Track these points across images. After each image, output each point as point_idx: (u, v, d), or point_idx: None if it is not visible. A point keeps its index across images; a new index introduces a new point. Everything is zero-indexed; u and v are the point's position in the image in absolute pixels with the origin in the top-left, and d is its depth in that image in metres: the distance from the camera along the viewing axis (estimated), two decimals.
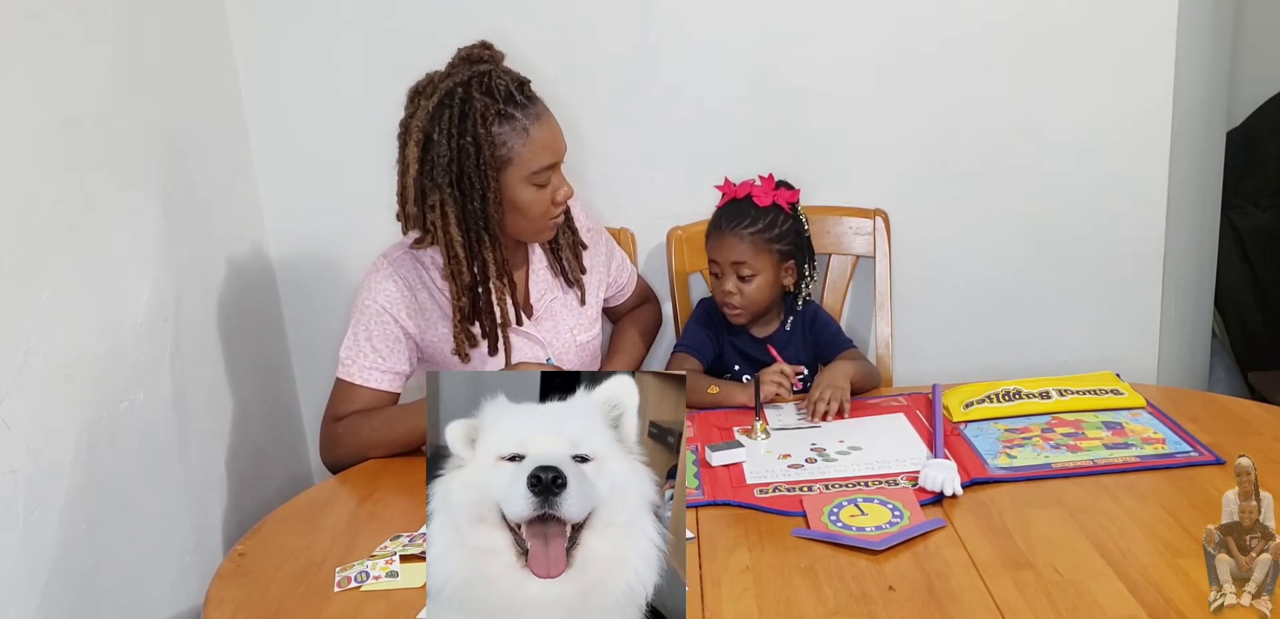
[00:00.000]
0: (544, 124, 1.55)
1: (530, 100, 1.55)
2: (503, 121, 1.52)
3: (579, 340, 1.75)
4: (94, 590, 1.37)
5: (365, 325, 1.61)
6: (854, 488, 1.39)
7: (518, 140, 1.53)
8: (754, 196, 1.77)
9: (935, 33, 1.97)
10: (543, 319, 1.72)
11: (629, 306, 1.95)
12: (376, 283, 1.62)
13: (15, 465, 1.21)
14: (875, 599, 1.14)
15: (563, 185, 1.60)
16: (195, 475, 1.67)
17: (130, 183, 1.54)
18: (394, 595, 1.21)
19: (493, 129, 1.51)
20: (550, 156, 1.55)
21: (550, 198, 1.58)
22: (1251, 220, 2.77)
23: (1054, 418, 1.57)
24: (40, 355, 1.27)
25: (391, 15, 1.96)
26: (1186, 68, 2.02)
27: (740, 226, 1.74)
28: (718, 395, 1.71)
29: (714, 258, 1.79)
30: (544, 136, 1.55)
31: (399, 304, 1.61)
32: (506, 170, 1.53)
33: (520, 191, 1.55)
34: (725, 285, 1.77)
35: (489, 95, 1.51)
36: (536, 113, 1.55)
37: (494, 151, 1.51)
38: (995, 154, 2.03)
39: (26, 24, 1.31)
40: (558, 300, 1.74)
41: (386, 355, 1.62)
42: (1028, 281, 2.10)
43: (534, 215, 1.58)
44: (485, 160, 1.50)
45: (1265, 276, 2.75)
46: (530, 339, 1.70)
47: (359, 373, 1.61)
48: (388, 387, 1.63)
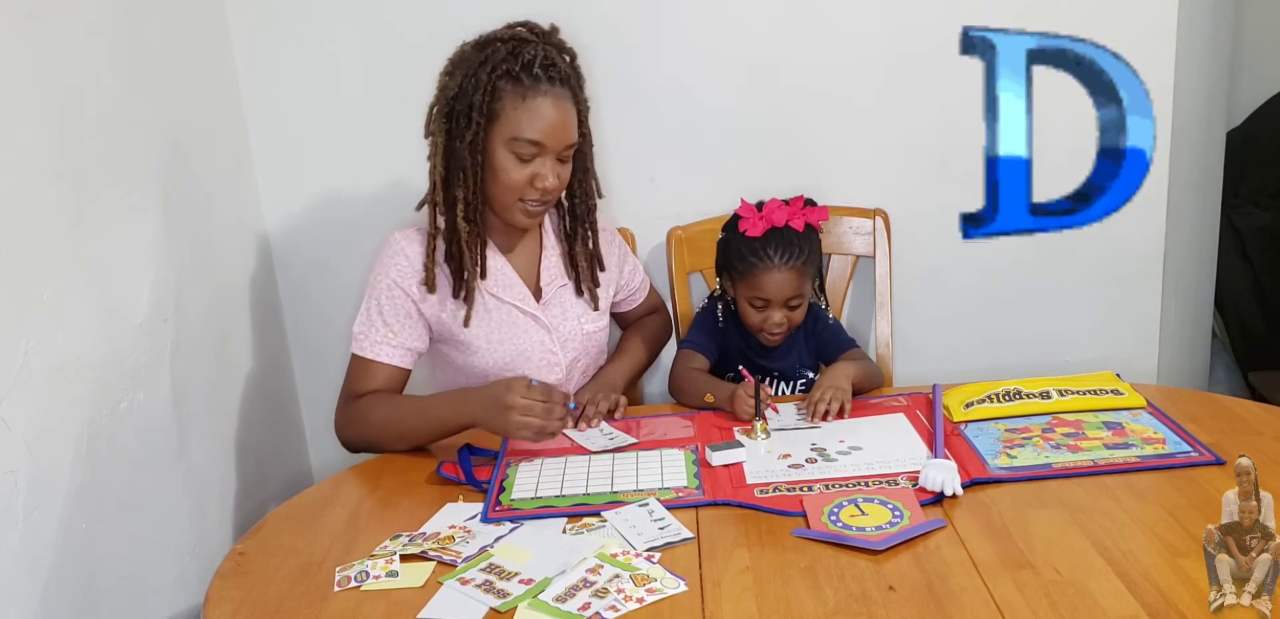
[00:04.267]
0: (545, 102, 1.55)
1: (546, 80, 1.56)
2: (508, 80, 1.55)
3: (585, 329, 1.76)
4: (94, 590, 1.36)
5: (377, 300, 1.63)
6: (854, 488, 1.39)
7: (511, 102, 1.55)
8: (791, 222, 1.73)
9: (935, 33, 1.97)
10: (550, 304, 1.73)
11: (638, 314, 1.94)
12: (388, 258, 1.64)
13: (15, 465, 1.21)
14: (875, 599, 1.14)
15: (548, 176, 1.58)
16: (195, 475, 1.67)
17: (130, 183, 1.54)
18: (394, 595, 1.22)
19: (497, 82, 1.55)
20: (534, 132, 1.55)
21: (527, 178, 1.58)
22: (1251, 220, 2.77)
23: (1054, 418, 1.57)
24: (40, 355, 1.27)
25: (391, 15, 1.96)
26: (1186, 68, 2.02)
27: (794, 261, 1.71)
28: (712, 404, 1.70)
29: (762, 295, 1.72)
30: (538, 112, 1.55)
31: (410, 278, 1.63)
32: (494, 125, 1.56)
33: (498, 152, 1.57)
34: (773, 318, 1.73)
35: (512, 56, 1.55)
36: (543, 91, 1.55)
37: (488, 102, 1.55)
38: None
39: (26, 24, 1.31)
40: (567, 289, 1.75)
41: (398, 330, 1.63)
42: (1028, 282, 2.10)
43: (505, 184, 1.58)
44: (477, 106, 1.54)
45: (1265, 277, 2.76)
46: (537, 322, 1.71)
47: (370, 347, 1.63)
48: (400, 362, 1.65)
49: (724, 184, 1.97)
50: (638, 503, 1.39)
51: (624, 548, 1.27)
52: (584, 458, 1.55)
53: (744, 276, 1.74)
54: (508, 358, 1.69)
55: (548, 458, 1.55)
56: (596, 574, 1.21)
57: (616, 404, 1.69)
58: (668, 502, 1.39)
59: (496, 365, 1.68)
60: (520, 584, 1.20)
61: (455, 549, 1.29)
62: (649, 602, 1.16)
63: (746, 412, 1.61)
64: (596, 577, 1.20)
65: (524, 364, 1.70)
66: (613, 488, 1.44)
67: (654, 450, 1.56)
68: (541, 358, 1.71)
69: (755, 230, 1.73)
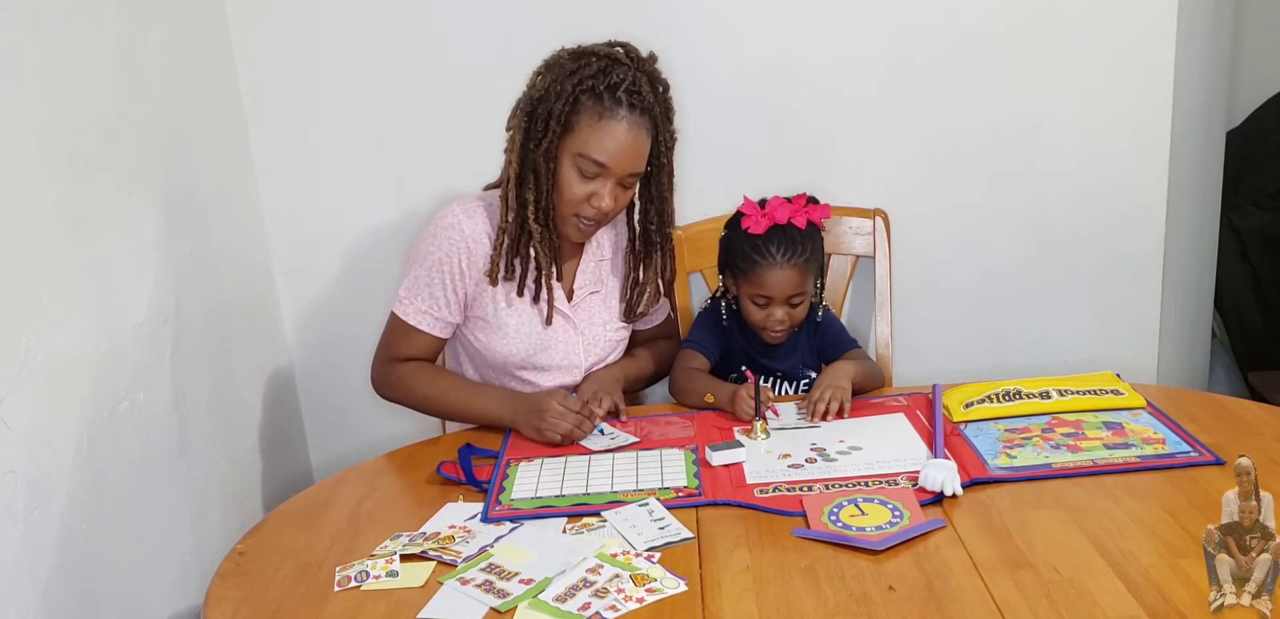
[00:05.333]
0: (618, 127, 1.57)
1: (627, 106, 1.58)
2: (591, 96, 1.57)
3: (610, 337, 1.79)
4: (94, 590, 1.36)
5: (425, 270, 1.66)
6: (854, 488, 1.39)
7: (587, 119, 1.57)
8: (794, 220, 1.74)
9: (936, 33, 1.97)
10: (579, 306, 1.75)
11: (649, 335, 1.93)
12: (443, 230, 1.66)
13: (15, 465, 1.21)
14: (875, 599, 1.14)
15: (605, 197, 1.60)
16: (195, 475, 1.67)
17: (130, 183, 1.54)
18: (394, 595, 1.22)
19: (580, 95, 1.57)
20: (601, 154, 1.57)
21: (586, 195, 1.60)
22: (1251, 220, 2.77)
23: (1054, 418, 1.57)
24: (40, 355, 1.27)
25: (391, 16, 1.96)
26: (1186, 68, 2.02)
27: (795, 258, 1.71)
28: (713, 404, 1.70)
29: (765, 293, 1.73)
30: (610, 134, 1.57)
31: (462, 254, 1.65)
32: (567, 136, 1.59)
33: (565, 164, 1.60)
34: (775, 315, 1.73)
35: (600, 75, 1.57)
36: (620, 116, 1.57)
37: (567, 113, 1.57)
38: (995, 154, 2.03)
39: (26, 25, 1.31)
40: (597, 296, 1.77)
41: (441, 304, 1.68)
42: (1028, 282, 2.10)
43: (564, 196, 1.61)
44: (556, 114, 1.57)
45: (1265, 277, 2.75)
46: (568, 321, 1.73)
47: (414, 315, 1.68)
48: (440, 333, 1.70)
49: (724, 184, 1.97)
50: (638, 503, 1.39)
51: (624, 548, 1.27)
52: (584, 458, 1.55)
53: (746, 274, 1.74)
54: (530, 350, 1.70)
55: (548, 458, 1.55)
56: (596, 574, 1.21)
57: (617, 406, 1.70)
58: (668, 501, 1.39)
59: (518, 354, 1.70)
60: (520, 584, 1.20)
61: (455, 549, 1.29)
62: (649, 602, 1.16)
63: (747, 412, 1.62)
64: (596, 577, 1.20)
65: (545, 358, 1.71)
66: (613, 488, 1.44)
67: (654, 450, 1.56)
68: (564, 356, 1.73)
69: (758, 227, 1.74)
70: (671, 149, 1.68)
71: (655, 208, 1.71)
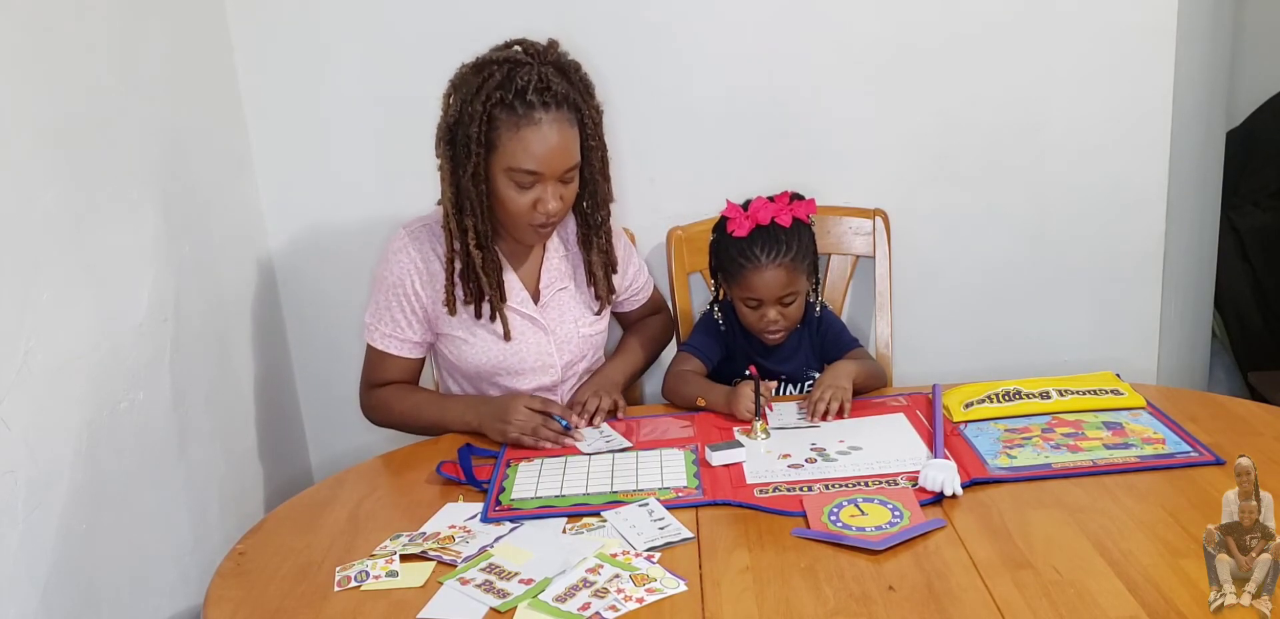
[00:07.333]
0: (539, 131, 1.54)
1: (540, 106, 1.54)
2: (502, 108, 1.54)
3: (582, 332, 1.77)
4: (94, 590, 1.36)
5: (383, 296, 1.68)
6: (854, 488, 1.39)
7: (506, 133, 1.55)
8: (778, 219, 1.73)
9: (935, 32, 1.97)
10: (548, 306, 1.74)
11: (640, 314, 1.94)
12: (392, 255, 1.67)
13: (15, 465, 1.21)
14: (875, 599, 1.14)
15: (550, 200, 1.58)
16: (195, 475, 1.67)
17: (130, 183, 1.54)
18: (394, 595, 1.22)
19: (492, 111, 1.54)
20: (531, 162, 1.55)
21: (530, 204, 1.58)
22: (1251, 220, 2.77)
23: (1054, 418, 1.57)
24: (40, 355, 1.27)
25: (391, 15, 1.96)
26: (1186, 68, 2.02)
27: (781, 258, 1.70)
28: (703, 406, 1.70)
29: (754, 295, 1.72)
30: (532, 142, 1.54)
31: (413, 276, 1.66)
32: (492, 155, 1.57)
33: (499, 182, 1.58)
34: (768, 316, 1.73)
35: (506, 83, 1.54)
36: (537, 119, 1.54)
37: (485, 132, 1.55)
38: (995, 154, 2.03)
39: (26, 24, 1.31)
40: (567, 291, 1.76)
41: (404, 327, 1.69)
42: (1028, 282, 2.10)
43: (511, 212, 1.60)
44: (474, 137, 1.55)
45: (1265, 277, 2.75)
46: (535, 324, 1.72)
47: (381, 340, 1.70)
48: (411, 355, 1.72)
49: (724, 184, 1.97)
50: (637, 503, 1.39)
51: (624, 548, 1.27)
52: (584, 458, 1.55)
53: (735, 278, 1.74)
54: (501, 357, 1.70)
55: (548, 458, 1.55)
56: (596, 574, 1.21)
57: (616, 404, 1.70)
58: (667, 502, 1.39)
59: (490, 363, 1.70)
60: (520, 584, 1.20)
61: (455, 549, 1.29)
62: (649, 602, 1.16)
63: (746, 411, 1.61)
64: (596, 576, 1.20)
65: (517, 363, 1.70)
66: (612, 488, 1.44)
67: (654, 450, 1.56)
68: (536, 359, 1.72)
69: (742, 230, 1.73)
70: (599, 126, 1.65)
71: (588, 191, 1.68)
